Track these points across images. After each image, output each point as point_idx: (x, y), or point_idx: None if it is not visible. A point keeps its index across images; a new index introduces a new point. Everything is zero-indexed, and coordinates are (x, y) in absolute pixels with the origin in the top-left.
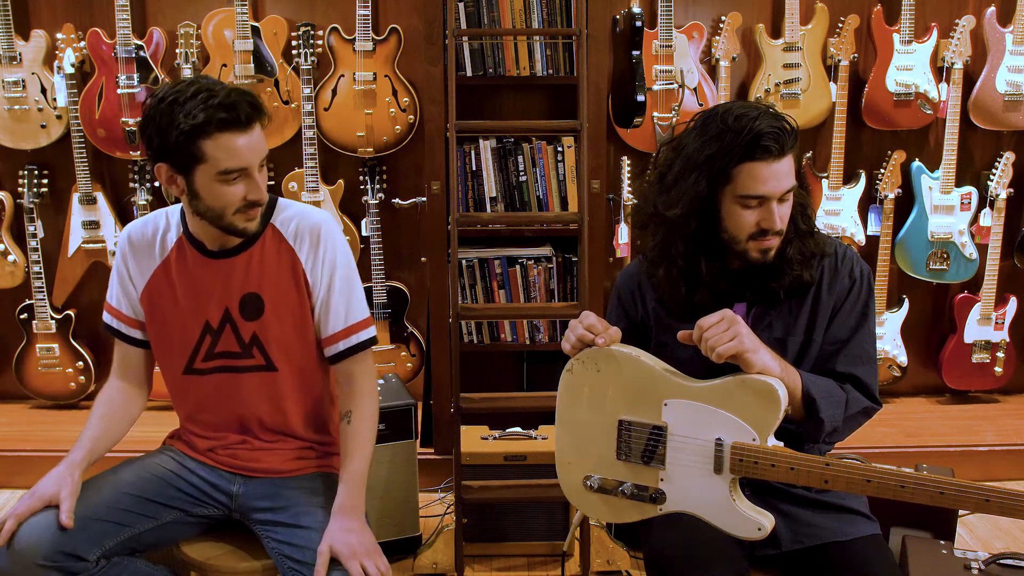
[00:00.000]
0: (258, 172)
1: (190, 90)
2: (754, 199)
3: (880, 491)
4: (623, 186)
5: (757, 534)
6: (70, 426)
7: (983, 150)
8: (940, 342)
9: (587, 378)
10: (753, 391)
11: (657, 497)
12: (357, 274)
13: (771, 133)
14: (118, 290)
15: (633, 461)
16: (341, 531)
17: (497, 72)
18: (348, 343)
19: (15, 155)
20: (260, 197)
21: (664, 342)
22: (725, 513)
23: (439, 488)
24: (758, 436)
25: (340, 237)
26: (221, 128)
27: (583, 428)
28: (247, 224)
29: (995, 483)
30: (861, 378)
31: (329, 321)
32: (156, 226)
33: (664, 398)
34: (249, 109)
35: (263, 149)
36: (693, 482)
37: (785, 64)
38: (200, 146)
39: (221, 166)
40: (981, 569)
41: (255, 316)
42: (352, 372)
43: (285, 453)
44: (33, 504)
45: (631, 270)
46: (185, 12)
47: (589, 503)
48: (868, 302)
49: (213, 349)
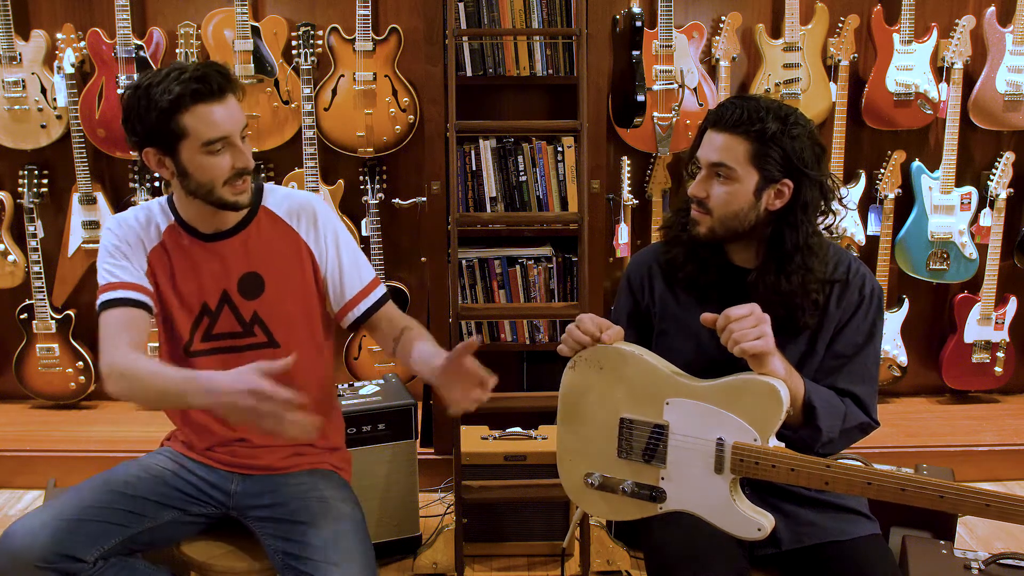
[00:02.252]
0: (240, 141)
1: (162, 72)
2: (695, 165)
3: (880, 494)
4: (623, 186)
5: (757, 534)
6: (70, 426)
7: (983, 150)
8: (940, 342)
9: (590, 376)
10: (755, 392)
11: (657, 496)
12: (354, 240)
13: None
14: (113, 263)
15: (634, 459)
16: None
17: (497, 72)
18: (372, 298)
19: (15, 155)
20: (247, 164)
21: (665, 330)
22: (725, 513)
23: (439, 488)
24: (759, 437)
25: (331, 210)
26: (196, 100)
27: (585, 425)
28: (238, 197)
29: (995, 483)
30: (861, 397)
31: (346, 286)
32: (138, 218)
33: (666, 397)
34: (220, 79)
35: (242, 119)
36: (693, 481)
37: (785, 64)
38: (179, 121)
39: (203, 137)
40: (981, 569)
41: (255, 295)
42: (390, 314)
43: (283, 450)
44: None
45: (643, 255)
46: (185, 12)
47: (589, 500)
48: (876, 321)
49: (211, 330)
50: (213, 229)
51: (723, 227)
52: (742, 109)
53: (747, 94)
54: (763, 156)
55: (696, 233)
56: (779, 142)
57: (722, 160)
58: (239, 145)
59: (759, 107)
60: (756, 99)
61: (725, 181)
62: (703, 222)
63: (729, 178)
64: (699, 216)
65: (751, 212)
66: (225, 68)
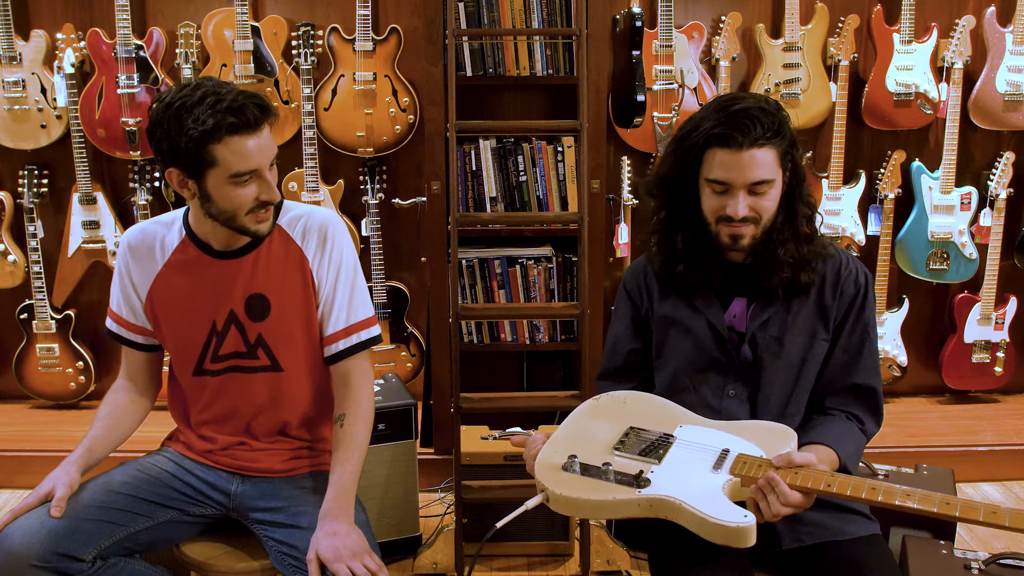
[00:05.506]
0: (268, 172)
1: (196, 94)
2: (718, 184)
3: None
4: (623, 186)
5: (744, 521)
6: (70, 426)
7: (983, 150)
8: (940, 342)
9: (612, 405)
10: (768, 429)
11: (640, 482)
12: (361, 274)
13: (738, 121)
14: (120, 296)
15: (627, 453)
16: (326, 535)
17: (497, 72)
18: (348, 342)
19: (15, 155)
20: (272, 197)
21: (665, 333)
22: (710, 500)
23: (439, 488)
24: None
25: (347, 236)
26: (231, 132)
27: (587, 430)
28: (259, 226)
29: (995, 483)
30: (877, 389)
31: (330, 320)
32: (155, 231)
33: (680, 423)
34: (258, 112)
35: (273, 149)
36: (685, 473)
37: (785, 64)
38: (211, 151)
39: (232, 169)
40: (981, 569)
41: (261, 317)
42: (349, 373)
43: (283, 453)
44: (29, 501)
45: (637, 265)
46: (185, 12)
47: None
48: (873, 310)
49: (218, 351)
50: (225, 247)
51: (763, 232)
52: (758, 121)
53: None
54: (786, 155)
55: (740, 247)
56: (791, 136)
57: (765, 177)
58: (266, 176)
59: (764, 111)
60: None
61: (765, 190)
62: (748, 233)
63: (769, 186)
64: (745, 229)
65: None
66: (262, 99)
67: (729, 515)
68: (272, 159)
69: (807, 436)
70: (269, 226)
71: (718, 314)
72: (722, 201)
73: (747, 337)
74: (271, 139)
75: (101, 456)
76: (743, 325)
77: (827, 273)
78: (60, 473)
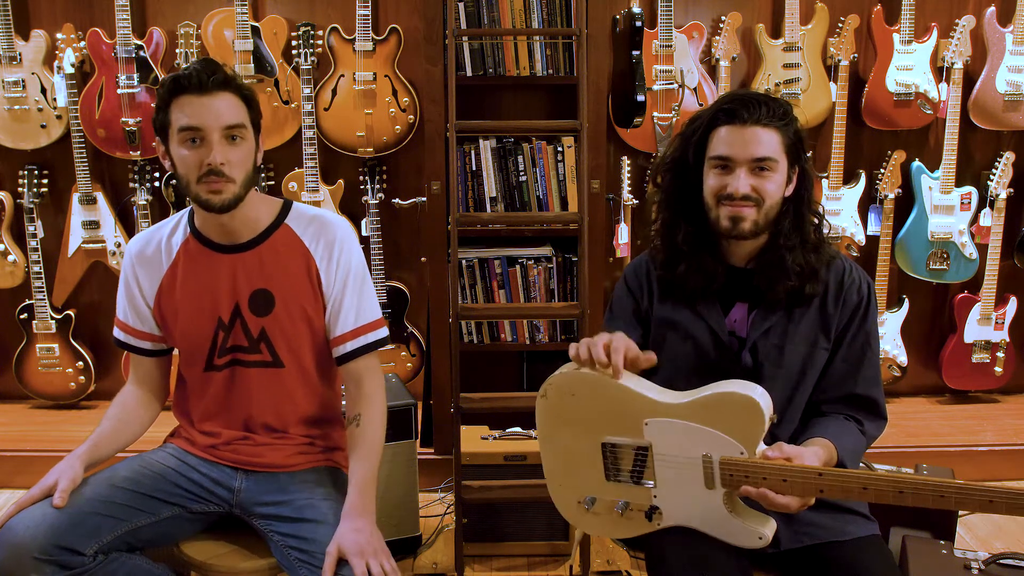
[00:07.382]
0: (223, 141)
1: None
2: (721, 160)
3: (879, 497)
4: (623, 186)
5: (758, 543)
6: (70, 426)
7: (983, 150)
8: (940, 342)
9: (563, 403)
10: (734, 405)
11: (653, 514)
12: (369, 277)
13: (746, 100)
14: (126, 304)
15: (623, 480)
16: (351, 531)
17: (497, 72)
18: (356, 343)
19: (15, 155)
20: (215, 162)
21: (663, 333)
22: (723, 526)
23: (439, 488)
24: (746, 450)
25: (355, 241)
26: (180, 92)
27: (568, 452)
28: (210, 196)
29: (995, 483)
30: (878, 400)
31: (339, 322)
32: (160, 234)
33: (644, 417)
34: (206, 76)
35: (228, 117)
36: (687, 498)
37: (785, 64)
38: (168, 113)
39: (177, 124)
40: (981, 569)
41: (265, 312)
42: (361, 374)
43: (285, 448)
44: (34, 493)
45: (639, 262)
46: (185, 12)
47: (587, 522)
48: (875, 320)
49: (225, 344)
50: (228, 241)
51: (765, 219)
52: (764, 103)
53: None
54: (792, 145)
55: (740, 231)
56: (799, 132)
57: (767, 154)
58: (213, 142)
59: (772, 99)
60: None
61: (768, 173)
62: (749, 216)
63: (771, 169)
64: (747, 211)
65: (781, 201)
66: (221, 67)
67: (745, 540)
68: (229, 127)
69: (804, 435)
70: (224, 200)
71: (719, 319)
72: (724, 180)
73: (748, 344)
74: (234, 108)
75: (107, 454)
76: (744, 330)
77: (830, 281)
78: (64, 466)
